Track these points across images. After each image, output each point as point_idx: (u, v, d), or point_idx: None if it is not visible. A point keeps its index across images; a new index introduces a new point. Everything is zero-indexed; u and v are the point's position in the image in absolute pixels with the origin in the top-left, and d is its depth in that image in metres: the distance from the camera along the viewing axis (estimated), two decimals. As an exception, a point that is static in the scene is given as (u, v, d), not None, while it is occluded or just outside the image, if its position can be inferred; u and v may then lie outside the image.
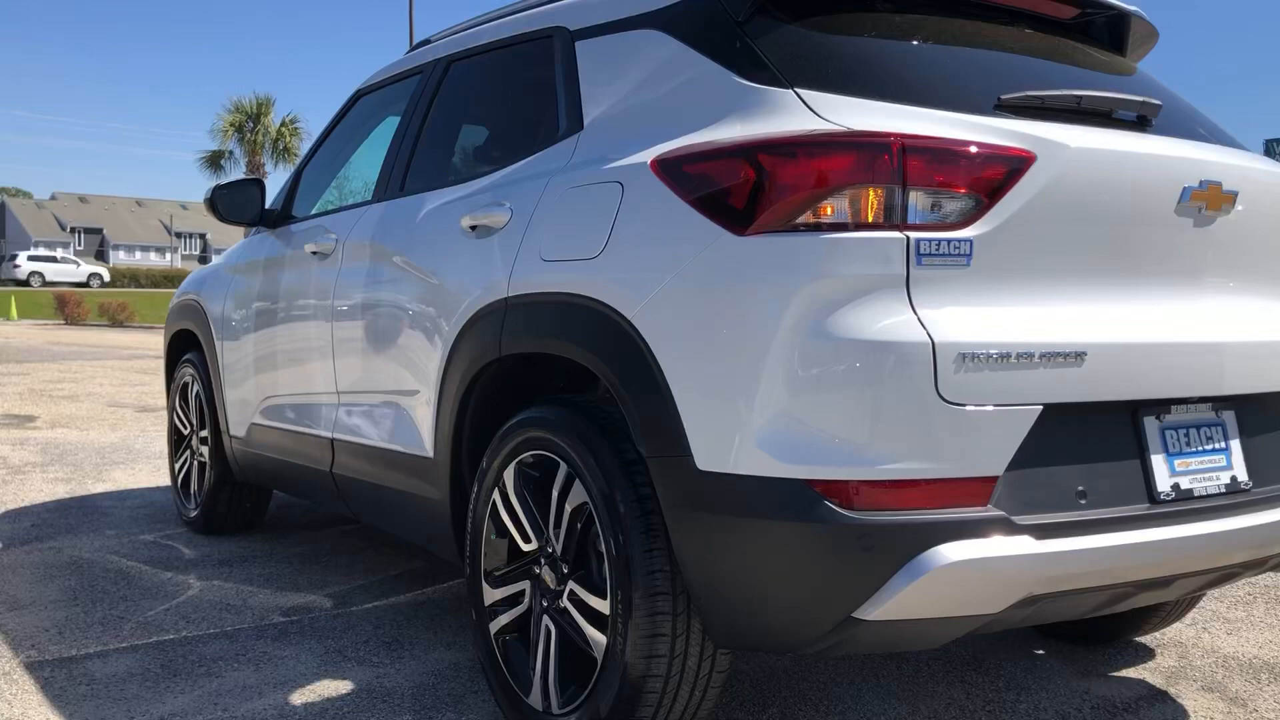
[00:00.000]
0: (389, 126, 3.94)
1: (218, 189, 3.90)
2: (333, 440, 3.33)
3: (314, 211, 3.87)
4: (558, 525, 2.34)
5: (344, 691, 2.76)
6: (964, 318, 1.89)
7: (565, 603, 2.32)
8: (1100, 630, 3.15)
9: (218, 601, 3.52)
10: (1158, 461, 2.08)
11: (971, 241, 1.91)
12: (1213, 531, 2.08)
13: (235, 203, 3.89)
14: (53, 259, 53.89)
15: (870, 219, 1.89)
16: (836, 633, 1.91)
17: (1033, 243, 1.97)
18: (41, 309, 27.77)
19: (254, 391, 3.93)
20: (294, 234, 3.81)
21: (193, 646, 3.09)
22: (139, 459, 6.27)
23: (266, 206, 3.95)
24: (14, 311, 26.76)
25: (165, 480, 5.47)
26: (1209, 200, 2.17)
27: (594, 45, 2.55)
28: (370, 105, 3.83)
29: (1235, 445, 2.21)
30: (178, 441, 4.70)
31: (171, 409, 4.74)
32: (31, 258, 52.77)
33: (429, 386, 2.73)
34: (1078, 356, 1.96)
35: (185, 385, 4.59)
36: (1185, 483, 2.10)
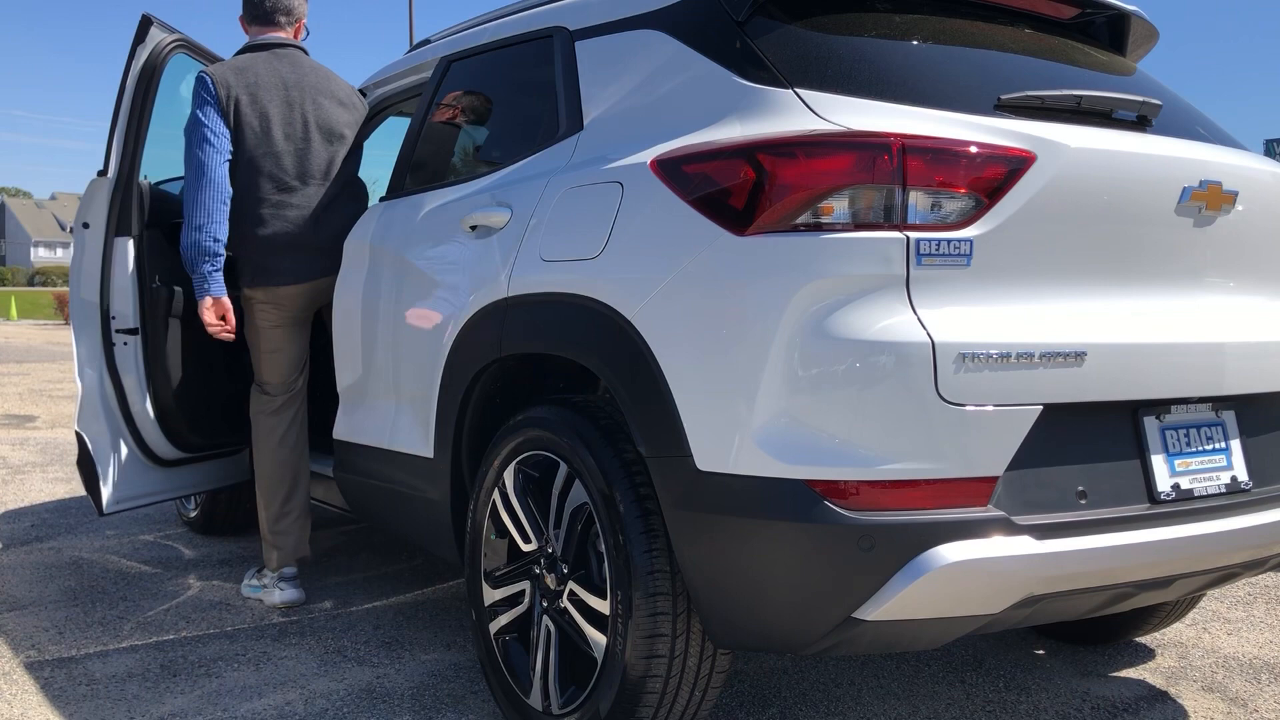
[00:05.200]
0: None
1: None
2: (333, 441, 3.33)
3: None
4: (558, 526, 2.34)
5: (344, 691, 2.76)
6: (964, 318, 1.89)
7: (565, 603, 2.32)
8: (1100, 630, 3.14)
9: (218, 601, 3.52)
10: (1158, 461, 2.08)
11: (971, 241, 1.91)
12: (1213, 532, 2.08)
13: None
14: None
15: (870, 219, 1.88)
16: (836, 633, 1.91)
17: (1033, 243, 1.97)
18: (41, 309, 27.77)
19: (254, 391, 3.91)
20: None
21: (193, 646, 3.09)
22: (139, 459, 6.26)
23: None
24: (14, 311, 26.78)
25: (165, 480, 5.46)
26: (1209, 200, 2.17)
27: (594, 45, 2.55)
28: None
29: (1235, 445, 2.21)
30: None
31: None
32: None
33: (429, 387, 2.73)
34: (1078, 356, 1.95)
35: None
36: (1185, 483, 2.10)
